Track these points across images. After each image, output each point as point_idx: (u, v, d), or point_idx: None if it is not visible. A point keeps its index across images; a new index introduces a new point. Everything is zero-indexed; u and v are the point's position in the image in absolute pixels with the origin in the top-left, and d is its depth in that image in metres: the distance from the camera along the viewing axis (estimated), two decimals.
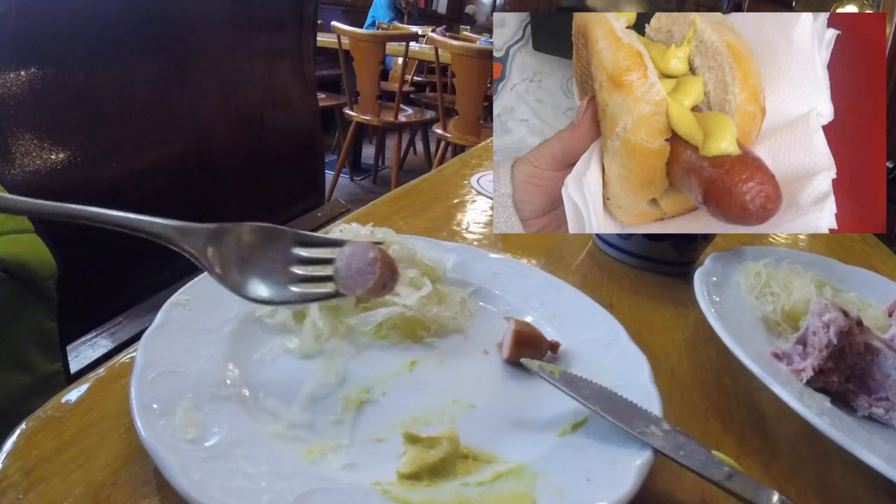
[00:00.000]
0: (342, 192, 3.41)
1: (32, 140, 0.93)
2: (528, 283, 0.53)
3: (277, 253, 0.39)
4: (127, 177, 1.11)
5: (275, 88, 1.55)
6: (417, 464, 0.32)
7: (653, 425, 0.35)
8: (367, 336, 0.44)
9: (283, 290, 0.38)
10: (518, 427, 0.38)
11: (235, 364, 0.39)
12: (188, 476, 0.28)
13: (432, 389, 0.40)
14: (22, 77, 0.91)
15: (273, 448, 0.32)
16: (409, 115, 3.34)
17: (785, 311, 0.53)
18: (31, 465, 0.32)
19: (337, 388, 0.39)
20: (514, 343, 0.43)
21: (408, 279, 0.47)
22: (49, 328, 0.70)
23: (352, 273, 0.39)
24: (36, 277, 0.66)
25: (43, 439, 0.34)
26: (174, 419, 0.32)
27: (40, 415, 0.36)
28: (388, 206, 0.79)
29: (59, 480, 0.31)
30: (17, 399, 0.65)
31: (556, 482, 0.32)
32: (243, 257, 0.38)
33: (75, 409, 0.36)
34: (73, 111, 1.00)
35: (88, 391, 0.38)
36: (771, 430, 0.44)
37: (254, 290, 0.38)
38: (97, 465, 0.32)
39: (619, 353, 0.44)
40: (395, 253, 0.49)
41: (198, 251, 0.36)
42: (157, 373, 0.35)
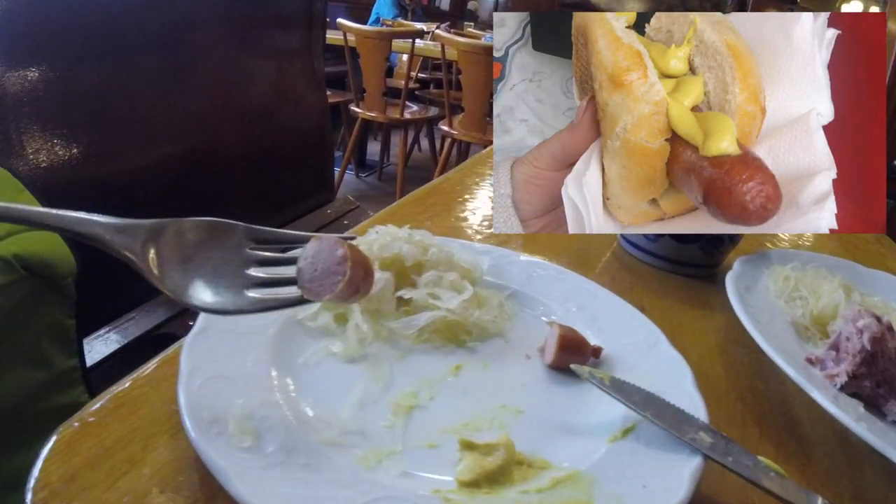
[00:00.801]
0: (347, 188, 3.42)
1: (41, 136, 0.94)
2: (564, 287, 0.53)
3: (230, 252, 0.34)
4: (135, 173, 1.11)
5: (284, 86, 1.56)
6: (476, 471, 0.32)
7: (701, 431, 0.35)
8: (410, 340, 0.44)
9: (238, 297, 0.33)
10: (567, 433, 0.38)
11: (280, 369, 0.38)
12: (249, 486, 0.28)
13: (479, 394, 0.40)
14: (31, 74, 0.92)
15: (329, 456, 0.32)
16: (414, 112, 3.34)
17: (813, 316, 0.53)
18: (73, 472, 0.31)
19: (384, 393, 0.39)
20: (559, 348, 0.43)
21: (448, 282, 0.47)
22: (67, 325, 0.70)
23: (317, 275, 0.34)
24: (56, 275, 0.66)
25: (83, 445, 0.33)
26: (227, 427, 0.31)
27: (77, 420, 0.34)
28: (413, 206, 0.78)
29: (104, 489, 0.30)
30: (35, 395, 0.66)
31: (613, 489, 0.32)
32: (187, 257, 0.33)
33: (115, 414, 0.35)
34: (82, 108, 1.00)
35: (127, 395, 0.37)
36: (805, 435, 0.44)
37: (200, 295, 0.33)
38: (143, 472, 0.31)
39: (659, 358, 0.44)
40: (433, 256, 0.48)
41: (131, 251, 0.31)
42: (204, 378, 0.34)
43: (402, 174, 3.20)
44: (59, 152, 0.96)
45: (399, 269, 0.47)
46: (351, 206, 1.82)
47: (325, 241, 0.35)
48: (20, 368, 0.65)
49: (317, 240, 0.35)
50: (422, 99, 3.93)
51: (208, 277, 0.33)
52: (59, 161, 0.96)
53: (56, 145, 0.96)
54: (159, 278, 0.32)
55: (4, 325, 0.62)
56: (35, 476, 0.30)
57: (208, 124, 1.31)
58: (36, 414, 0.66)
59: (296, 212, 1.61)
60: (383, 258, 0.47)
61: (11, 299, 0.62)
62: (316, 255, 0.34)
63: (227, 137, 1.37)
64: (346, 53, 3.16)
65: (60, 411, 0.69)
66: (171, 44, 1.17)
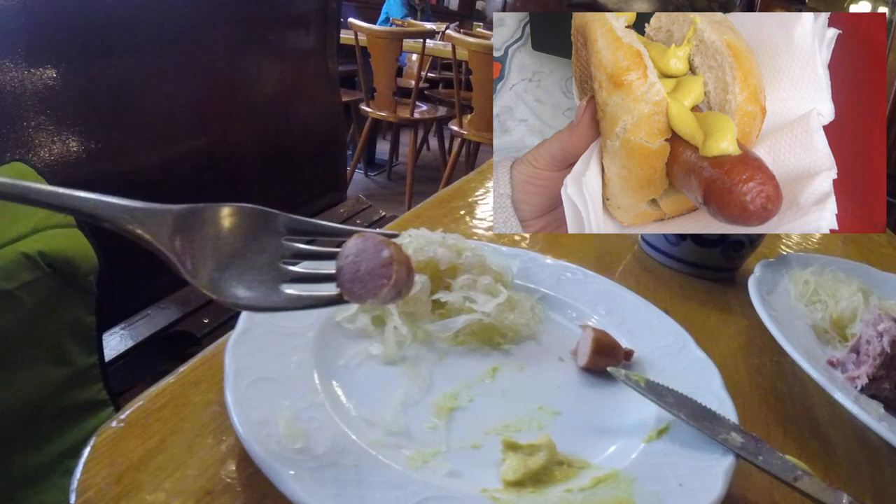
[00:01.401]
0: (356, 187, 3.43)
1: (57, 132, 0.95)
2: (593, 290, 0.54)
3: (266, 243, 0.32)
4: (150, 170, 1.13)
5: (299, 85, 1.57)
6: (521, 471, 0.33)
7: (732, 431, 0.36)
8: (446, 342, 0.45)
9: (272, 292, 0.31)
10: (604, 433, 0.39)
11: (322, 370, 0.38)
12: (304, 487, 0.28)
13: (516, 396, 0.41)
14: (49, 70, 0.93)
15: (377, 456, 0.33)
16: (423, 112, 3.35)
17: (833, 319, 0.54)
18: (118, 473, 0.31)
19: (425, 394, 0.39)
20: (593, 351, 0.44)
21: (482, 286, 0.48)
22: (88, 322, 0.71)
23: (360, 275, 0.31)
24: (78, 272, 0.67)
25: (127, 446, 0.32)
26: (278, 428, 0.32)
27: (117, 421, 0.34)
28: (436, 208, 0.79)
29: (150, 490, 0.30)
30: (55, 391, 0.67)
31: (652, 488, 0.33)
32: (221, 248, 0.30)
33: (157, 415, 0.35)
34: (99, 105, 1.02)
35: (167, 395, 0.37)
36: (827, 435, 0.45)
37: (234, 291, 0.30)
38: (190, 472, 0.31)
39: (688, 360, 0.45)
40: (467, 260, 0.48)
41: (159, 240, 0.28)
42: (251, 380, 0.34)
43: (412, 174, 3.21)
44: (76, 148, 0.98)
45: (433, 272, 0.48)
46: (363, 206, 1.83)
47: (370, 239, 0.32)
48: (41, 365, 0.66)
49: (360, 237, 0.32)
50: (431, 98, 3.93)
51: (241, 270, 0.31)
52: (76, 156, 0.98)
53: (73, 141, 0.97)
54: (191, 272, 0.29)
55: (28, 321, 0.63)
56: (77, 477, 0.30)
57: (223, 123, 1.32)
58: (55, 410, 0.67)
59: (308, 211, 1.62)
60: (418, 261, 0.48)
61: (35, 296, 0.62)
62: (359, 255, 0.32)
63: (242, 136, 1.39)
64: (356, 53, 3.17)
65: (79, 407, 0.70)
66: (189, 43, 1.19)
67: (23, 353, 0.64)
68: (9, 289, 0.60)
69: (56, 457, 0.65)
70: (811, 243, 0.91)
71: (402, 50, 3.09)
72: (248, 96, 1.39)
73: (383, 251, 0.31)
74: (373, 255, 0.31)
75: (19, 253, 0.61)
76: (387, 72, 3.07)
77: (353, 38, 3.11)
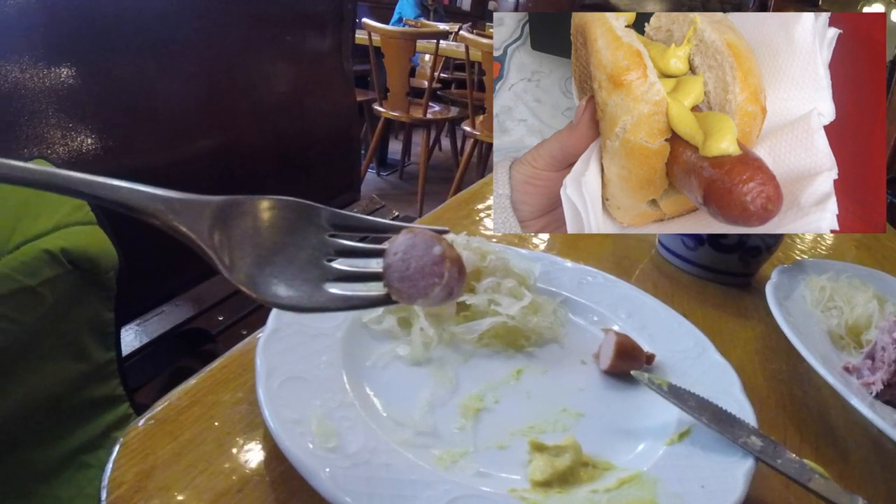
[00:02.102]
0: (368, 187, 3.45)
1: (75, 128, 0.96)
2: (613, 295, 0.55)
3: (308, 238, 0.30)
4: (167, 168, 1.14)
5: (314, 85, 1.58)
6: (548, 471, 0.34)
7: (752, 435, 0.37)
8: (471, 344, 0.46)
9: (316, 292, 0.29)
10: (626, 435, 0.39)
11: (351, 370, 0.39)
12: (339, 485, 0.29)
13: (541, 398, 0.42)
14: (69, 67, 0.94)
15: (408, 456, 0.33)
16: (436, 112, 3.35)
17: (848, 326, 0.55)
18: (149, 469, 0.31)
19: (451, 395, 0.40)
20: (615, 355, 0.44)
21: (507, 289, 0.49)
22: (107, 318, 0.72)
23: (409, 274, 0.29)
24: (99, 269, 0.68)
25: (157, 443, 0.33)
26: (310, 427, 0.32)
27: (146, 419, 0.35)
28: (455, 210, 0.79)
29: (182, 486, 0.30)
30: (73, 386, 0.68)
31: (675, 489, 0.34)
32: (261, 243, 0.28)
33: (186, 413, 0.35)
34: (117, 102, 1.03)
35: (197, 393, 0.37)
36: (842, 440, 0.46)
37: (275, 289, 0.28)
38: (220, 470, 0.32)
39: (708, 365, 0.46)
40: (491, 263, 0.49)
41: (197, 233, 0.27)
42: (282, 379, 0.35)
43: (425, 174, 3.21)
44: (93, 145, 0.99)
45: None
46: (377, 206, 1.84)
47: (420, 234, 0.30)
48: (60, 360, 0.67)
49: (409, 232, 0.30)
50: (443, 99, 3.94)
51: (282, 266, 0.29)
52: (93, 153, 0.99)
53: (90, 138, 0.98)
54: (228, 267, 0.27)
55: (48, 317, 0.64)
56: (108, 475, 0.30)
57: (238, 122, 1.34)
58: (72, 405, 0.68)
59: None
60: None
61: (56, 292, 0.63)
62: (408, 251, 0.29)
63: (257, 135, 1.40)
64: (370, 53, 3.19)
65: (96, 403, 0.71)
66: (205, 42, 1.20)
67: (43, 348, 0.65)
68: (31, 285, 0.61)
69: (71, 452, 0.66)
70: (824, 250, 0.91)
71: (415, 50, 3.10)
72: (263, 96, 1.40)
73: (434, 247, 0.29)
74: (423, 252, 0.29)
75: (42, 250, 0.62)
76: (400, 72, 3.09)
77: (366, 37, 3.12)
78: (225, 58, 1.26)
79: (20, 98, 0.89)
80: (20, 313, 0.60)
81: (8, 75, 0.87)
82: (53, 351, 0.66)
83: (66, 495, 0.64)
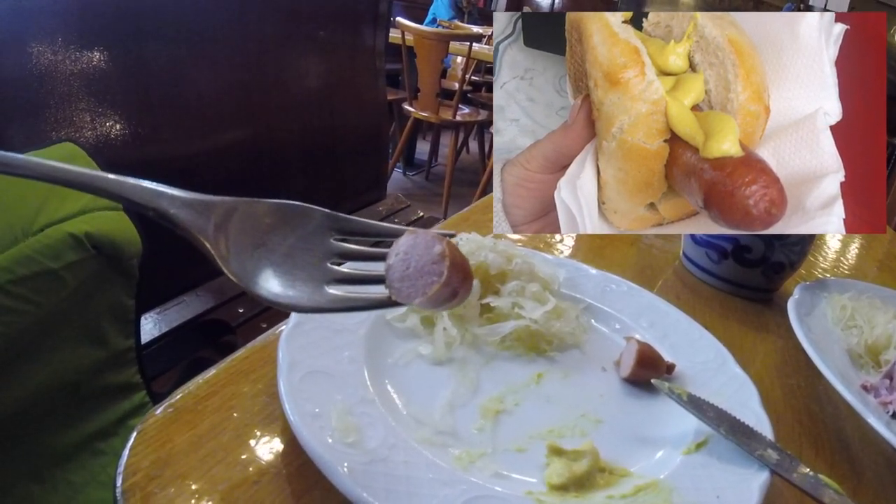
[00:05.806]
0: (394, 186, 3.45)
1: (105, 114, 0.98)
2: (636, 303, 0.55)
3: (312, 242, 0.31)
4: (196, 159, 1.15)
5: (346, 82, 1.60)
6: (566, 475, 0.34)
7: (769, 448, 0.37)
8: (493, 346, 0.46)
9: (316, 292, 0.29)
10: (644, 443, 0.39)
11: (372, 367, 0.39)
12: (357, 481, 0.29)
13: (560, 403, 0.42)
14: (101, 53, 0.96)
15: (426, 454, 0.33)
16: (465, 114, 3.34)
17: (868, 345, 0.55)
18: (166, 458, 0.31)
19: (472, 396, 0.41)
20: (636, 363, 0.44)
21: (531, 293, 0.49)
22: (127, 305, 0.73)
23: (409, 273, 0.29)
24: (122, 255, 0.68)
25: (175, 432, 0.33)
26: (330, 421, 0.32)
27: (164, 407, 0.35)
28: (483, 213, 0.79)
29: (198, 476, 0.30)
30: (91, 373, 0.69)
31: (690, 498, 0.34)
32: (265, 244, 0.29)
33: (205, 403, 0.35)
34: (149, 90, 1.05)
35: (217, 383, 0.37)
36: (857, 457, 0.46)
37: (276, 289, 0.29)
38: (237, 461, 0.32)
39: (728, 377, 0.46)
40: (516, 266, 0.49)
41: (202, 232, 0.28)
42: (303, 373, 0.35)
43: (452, 175, 3.20)
44: (123, 131, 1.00)
45: (483, 276, 0.49)
46: (402, 205, 1.85)
47: (421, 235, 0.30)
48: (80, 345, 0.68)
49: (411, 233, 0.30)
50: (473, 101, 3.91)
51: (283, 267, 0.29)
52: (122, 139, 1.00)
53: (120, 124, 1.00)
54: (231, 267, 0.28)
55: (70, 301, 0.65)
56: (124, 461, 0.31)
57: (269, 116, 1.35)
58: (90, 391, 0.70)
59: (349, 207, 1.64)
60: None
61: (78, 277, 0.64)
62: (409, 251, 0.30)
63: (287, 130, 1.42)
64: (402, 52, 3.20)
65: (113, 390, 0.72)
66: (239, 34, 1.21)
67: (63, 332, 0.67)
68: (54, 268, 0.61)
69: (87, 437, 0.67)
70: (847, 269, 0.91)
71: (448, 52, 3.09)
72: (294, 90, 1.41)
73: (435, 247, 0.29)
74: (423, 252, 0.29)
75: (66, 233, 0.62)
76: (432, 73, 3.08)
77: (399, 36, 3.14)
78: (258, 51, 1.28)
79: (51, 80, 0.89)
80: (41, 296, 0.61)
81: (40, 57, 0.88)
82: (73, 335, 0.67)
83: (80, 481, 0.65)
